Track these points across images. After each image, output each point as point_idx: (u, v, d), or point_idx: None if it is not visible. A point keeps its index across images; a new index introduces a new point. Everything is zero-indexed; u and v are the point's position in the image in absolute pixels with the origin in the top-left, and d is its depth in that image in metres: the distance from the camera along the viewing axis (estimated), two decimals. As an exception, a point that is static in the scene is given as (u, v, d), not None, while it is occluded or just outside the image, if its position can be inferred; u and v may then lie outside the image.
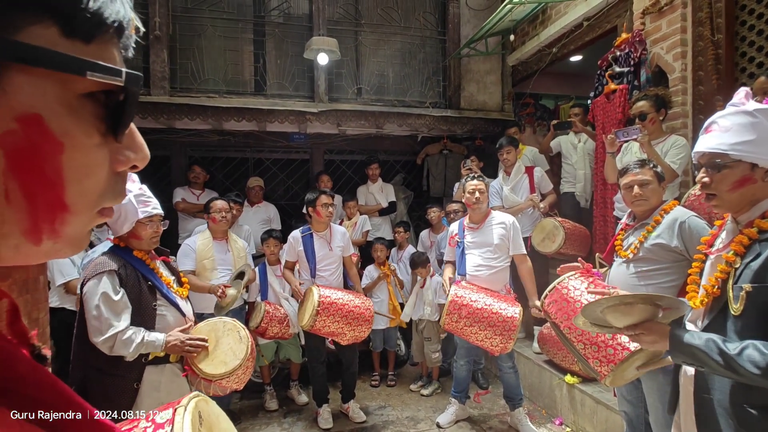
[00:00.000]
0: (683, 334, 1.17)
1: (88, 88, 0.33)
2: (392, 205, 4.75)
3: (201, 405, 0.91)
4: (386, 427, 3.19)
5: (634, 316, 1.24)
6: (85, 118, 0.34)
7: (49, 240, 0.34)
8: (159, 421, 0.85)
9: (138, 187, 1.83)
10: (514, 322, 2.49)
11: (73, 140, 0.33)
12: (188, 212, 4.09)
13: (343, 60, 4.61)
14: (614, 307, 1.25)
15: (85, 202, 0.35)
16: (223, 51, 4.41)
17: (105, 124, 0.35)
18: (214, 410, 0.95)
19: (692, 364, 1.17)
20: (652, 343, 1.24)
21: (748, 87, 1.25)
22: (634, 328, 1.25)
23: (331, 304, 2.80)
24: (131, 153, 0.38)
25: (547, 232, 3.43)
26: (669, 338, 1.19)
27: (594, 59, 3.68)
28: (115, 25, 0.35)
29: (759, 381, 1.03)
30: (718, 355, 1.08)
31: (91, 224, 0.38)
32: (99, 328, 1.66)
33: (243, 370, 1.86)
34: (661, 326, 1.23)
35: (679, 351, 1.17)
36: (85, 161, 0.34)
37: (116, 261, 1.76)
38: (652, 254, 1.91)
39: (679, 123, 2.94)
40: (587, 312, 1.33)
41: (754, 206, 1.19)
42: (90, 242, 3.26)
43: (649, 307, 1.23)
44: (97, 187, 0.36)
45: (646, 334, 1.23)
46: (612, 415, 2.70)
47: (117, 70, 0.34)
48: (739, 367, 1.04)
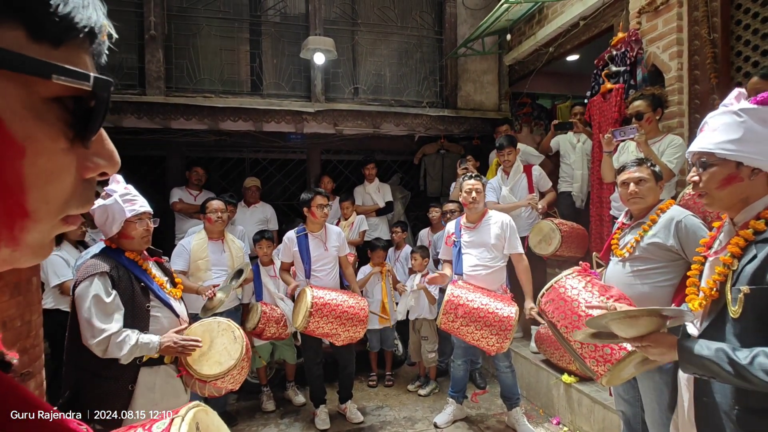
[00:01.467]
0: (692, 345, 1.16)
1: (55, 92, 0.32)
2: (389, 205, 4.75)
3: (200, 416, 0.88)
4: (384, 427, 3.18)
5: (639, 329, 1.23)
6: (51, 122, 0.33)
7: (6, 248, 0.33)
8: (155, 430, 0.83)
9: (123, 187, 1.81)
10: (510, 322, 2.48)
11: (37, 145, 0.32)
12: (185, 213, 4.07)
13: (340, 60, 4.60)
14: (619, 320, 1.24)
15: (48, 209, 0.34)
16: (219, 50, 4.40)
17: (73, 129, 0.34)
18: (214, 421, 0.93)
19: (703, 375, 1.15)
20: (660, 355, 1.23)
21: (743, 88, 1.25)
22: (640, 339, 1.24)
23: (325, 305, 2.79)
24: (100, 160, 0.37)
25: (544, 234, 3.42)
26: (678, 350, 1.18)
27: (590, 59, 3.68)
28: (86, 31, 0.34)
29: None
30: (729, 365, 1.07)
31: (54, 232, 0.36)
32: (92, 331, 1.65)
33: (238, 370, 1.85)
34: (669, 338, 1.22)
35: (689, 363, 1.15)
36: (50, 167, 0.33)
37: (108, 262, 1.74)
38: (649, 253, 1.91)
39: (675, 122, 2.94)
40: (592, 323, 1.33)
41: (747, 206, 1.19)
42: (84, 243, 3.25)
43: (655, 319, 1.22)
44: (62, 194, 0.35)
45: (653, 347, 1.22)
46: (609, 414, 2.70)
47: (84, 75, 0.33)
48: (752, 376, 1.03)
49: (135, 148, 4.56)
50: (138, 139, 4.38)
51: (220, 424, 0.93)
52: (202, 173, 4.21)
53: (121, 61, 4.08)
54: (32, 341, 2.11)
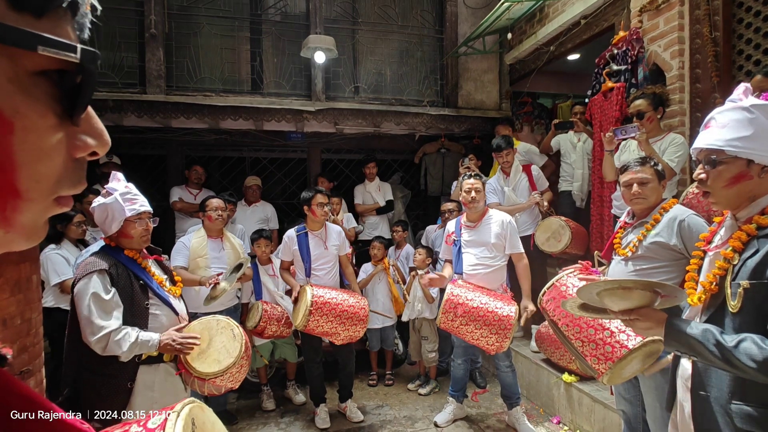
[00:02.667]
0: (681, 323, 1.15)
1: (41, 65, 0.31)
2: (390, 204, 4.74)
3: (195, 411, 0.88)
4: (384, 426, 3.18)
5: (631, 302, 1.21)
6: (38, 97, 0.32)
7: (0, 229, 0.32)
8: (150, 427, 0.83)
9: (124, 186, 1.81)
10: (510, 321, 2.48)
11: (25, 121, 0.31)
12: (185, 212, 4.07)
13: (341, 58, 4.59)
14: (612, 291, 1.22)
15: (39, 189, 0.33)
16: (219, 49, 4.39)
17: (61, 105, 0.33)
18: (209, 417, 0.92)
19: (686, 353, 1.15)
20: (646, 329, 1.21)
21: (748, 83, 1.24)
22: (629, 312, 1.22)
23: (325, 304, 2.79)
24: (90, 139, 0.36)
25: (553, 231, 3.41)
26: (665, 326, 1.17)
27: (591, 58, 3.67)
28: (69, 0, 0.33)
29: (754, 374, 1.01)
30: (714, 347, 1.06)
31: (47, 213, 0.36)
32: (91, 328, 1.65)
33: (237, 368, 1.84)
34: (658, 313, 1.20)
35: (675, 339, 1.15)
36: (39, 144, 0.32)
37: (107, 260, 1.74)
38: (651, 252, 1.90)
39: (676, 121, 2.93)
40: (583, 292, 1.30)
41: (752, 203, 1.17)
42: (85, 242, 3.24)
43: (647, 294, 1.20)
44: (52, 173, 0.34)
45: (641, 320, 1.20)
46: (609, 413, 2.69)
47: (71, 46, 0.32)
48: (736, 359, 1.03)
49: (135, 146, 4.56)
50: (138, 137, 4.38)
51: (215, 420, 0.93)
52: (202, 172, 4.21)
53: (121, 60, 4.08)
54: (32, 339, 2.11)
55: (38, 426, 0.36)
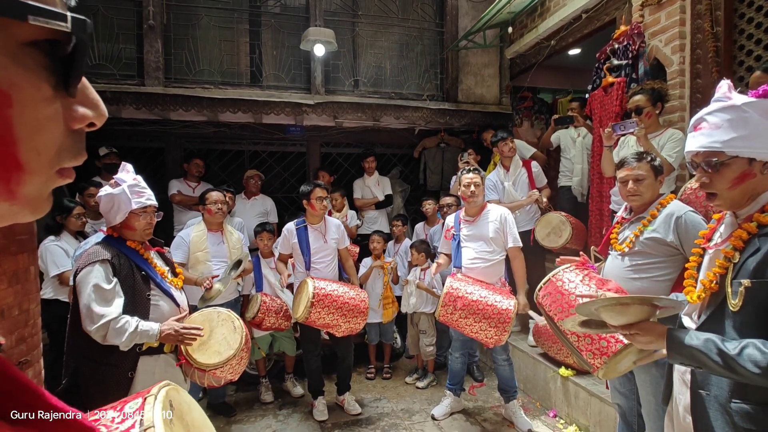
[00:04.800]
0: (681, 335, 1.15)
1: (32, 35, 0.31)
2: (389, 198, 4.74)
3: (172, 394, 0.88)
4: (381, 419, 3.20)
5: (629, 317, 1.21)
6: (32, 68, 0.32)
7: (4, 202, 0.33)
8: (128, 411, 0.83)
9: (132, 178, 1.81)
10: (509, 315, 2.49)
11: (21, 93, 0.31)
12: (184, 205, 4.06)
13: (340, 51, 4.57)
14: (610, 307, 1.23)
15: (41, 161, 0.34)
16: (218, 41, 4.36)
17: (55, 76, 0.33)
18: (185, 399, 0.93)
19: (690, 365, 1.15)
20: (647, 343, 1.21)
21: (731, 81, 1.23)
22: (629, 327, 1.22)
23: (326, 296, 2.80)
24: (86, 110, 0.37)
25: (553, 226, 3.42)
26: (666, 339, 1.17)
27: (592, 53, 3.66)
28: None
29: (758, 381, 1.01)
30: (717, 356, 1.06)
31: (51, 185, 0.36)
32: (91, 317, 1.65)
33: (237, 360, 1.85)
34: (658, 327, 1.21)
35: (677, 352, 1.15)
36: (37, 116, 0.32)
37: (109, 251, 1.74)
38: (648, 248, 1.91)
39: (676, 116, 2.93)
40: (582, 309, 1.31)
41: (753, 200, 1.17)
42: (84, 234, 3.24)
43: (645, 308, 1.20)
44: (52, 145, 0.34)
45: (641, 335, 1.21)
46: (605, 407, 2.72)
47: (61, 14, 0.32)
48: (740, 367, 1.02)
49: (133, 139, 4.55)
50: (137, 129, 4.36)
51: (191, 401, 0.94)
52: (202, 165, 4.20)
53: (119, 51, 4.05)
54: (30, 330, 2.11)
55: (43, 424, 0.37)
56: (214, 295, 2.65)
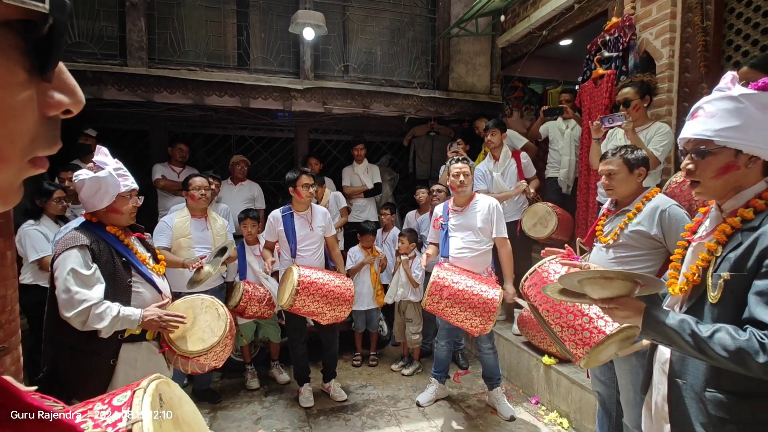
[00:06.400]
0: (658, 312, 1.17)
1: (5, 15, 0.29)
2: (378, 186, 4.72)
3: (162, 387, 0.87)
4: (367, 405, 3.23)
5: (611, 291, 1.23)
6: (5, 51, 0.30)
7: None
8: (116, 404, 0.81)
9: (114, 161, 1.76)
10: (494, 304, 2.52)
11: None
12: (169, 190, 3.98)
13: (330, 36, 4.48)
14: (593, 280, 1.24)
15: (14, 149, 0.32)
16: (204, 21, 4.24)
17: (29, 59, 0.31)
18: (176, 392, 0.91)
19: (662, 342, 1.17)
20: (624, 318, 1.23)
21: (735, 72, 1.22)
22: (608, 301, 1.23)
23: (311, 284, 2.79)
24: (62, 96, 0.35)
25: (540, 217, 3.45)
26: (643, 315, 1.18)
27: (583, 44, 3.65)
28: None
29: (725, 364, 1.04)
30: (690, 337, 1.09)
31: (23, 175, 0.34)
32: (70, 302, 1.61)
33: (221, 347, 1.84)
34: (637, 303, 1.22)
35: (652, 329, 1.17)
36: (10, 101, 0.31)
37: (88, 236, 1.70)
38: (632, 241, 1.93)
39: (664, 110, 2.95)
40: (565, 280, 1.32)
41: (738, 194, 1.17)
42: (65, 218, 3.16)
43: (627, 283, 1.21)
44: (26, 132, 0.32)
45: (620, 309, 1.22)
46: (586, 394, 2.78)
47: None
48: (709, 349, 1.05)
49: (116, 121, 4.42)
50: (119, 111, 4.24)
51: (181, 394, 0.92)
52: (186, 150, 4.10)
53: (100, 30, 3.91)
54: (8, 316, 2.06)
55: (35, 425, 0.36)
56: (204, 277, 2.62)
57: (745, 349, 1.00)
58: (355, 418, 3.05)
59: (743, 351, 1.00)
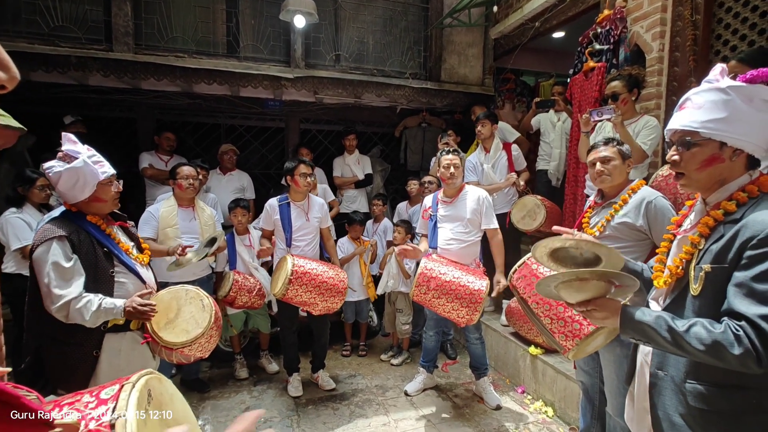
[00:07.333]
0: (634, 311, 1.18)
1: None
2: (369, 177, 4.70)
3: (152, 383, 0.86)
4: (355, 395, 3.26)
5: (587, 293, 1.23)
6: None
7: None
8: (103, 397, 0.80)
9: (86, 148, 1.72)
10: (481, 295, 2.53)
11: None
12: (156, 179, 3.92)
13: (322, 24, 4.42)
14: (568, 283, 1.23)
15: None
16: (192, 7, 4.15)
17: None
18: (168, 389, 0.90)
19: (640, 340, 1.18)
20: (603, 319, 1.23)
21: (726, 64, 1.22)
22: (586, 304, 1.24)
23: (305, 274, 2.79)
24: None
25: (529, 209, 3.46)
26: (620, 314, 1.20)
27: (576, 37, 3.64)
28: None
29: (702, 357, 1.05)
30: (667, 332, 1.09)
31: None
32: (51, 297, 1.59)
33: (206, 338, 1.83)
34: (614, 302, 1.23)
35: (629, 327, 1.18)
36: None
37: (67, 227, 1.67)
38: (618, 233, 1.95)
39: (653, 104, 2.96)
40: (540, 288, 1.31)
41: (722, 187, 1.18)
42: (49, 206, 3.11)
43: (602, 284, 1.22)
44: None
45: (598, 311, 1.23)
46: (570, 384, 2.83)
47: None
48: (686, 343, 1.06)
49: (103, 109, 4.33)
50: (105, 98, 4.16)
51: (174, 391, 0.91)
52: (173, 138, 4.03)
53: (84, 13, 3.81)
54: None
55: None
56: (185, 262, 2.58)
57: (720, 342, 1.01)
58: (343, 407, 3.07)
59: (719, 344, 1.01)
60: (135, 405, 0.78)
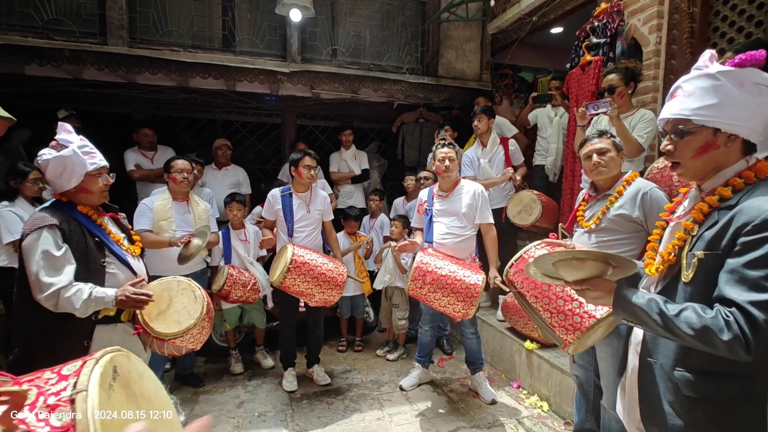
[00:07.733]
0: (628, 292, 1.17)
1: None
2: (365, 172, 4.69)
3: (119, 359, 0.83)
4: (350, 390, 3.25)
5: (584, 272, 1.23)
6: None
7: None
8: (64, 373, 0.78)
9: (79, 138, 1.70)
10: (476, 289, 2.52)
11: None
12: (146, 180, 3.84)
13: (318, 18, 4.39)
14: (566, 261, 1.24)
15: None
16: (188, 0, 4.12)
17: None
18: (137, 367, 0.87)
19: (632, 322, 1.18)
20: (596, 298, 1.23)
21: (714, 50, 1.21)
22: (581, 283, 1.24)
23: (304, 264, 2.79)
24: None
25: (525, 204, 3.45)
26: (614, 295, 1.19)
27: (573, 32, 3.63)
28: None
29: (692, 342, 1.04)
30: (657, 315, 1.09)
31: None
32: (39, 285, 1.57)
33: (198, 330, 1.81)
34: (608, 283, 1.22)
35: (622, 308, 1.17)
36: None
37: (58, 216, 1.65)
38: (614, 224, 1.94)
39: (649, 97, 2.95)
40: (539, 263, 1.33)
41: (718, 174, 1.16)
42: (41, 200, 3.09)
43: (600, 264, 1.22)
44: None
45: (592, 290, 1.23)
46: (565, 378, 2.82)
47: None
48: (676, 327, 1.05)
49: (98, 103, 4.31)
50: (100, 93, 4.13)
51: (143, 370, 0.89)
52: (152, 134, 3.89)
53: (78, 6, 3.78)
54: (-21, 297, 2.01)
55: None
56: (194, 251, 2.58)
57: (710, 327, 1.00)
58: (338, 402, 3.06)
59: (708, 329, 1.00)
60: (98, 380, 0.74)
